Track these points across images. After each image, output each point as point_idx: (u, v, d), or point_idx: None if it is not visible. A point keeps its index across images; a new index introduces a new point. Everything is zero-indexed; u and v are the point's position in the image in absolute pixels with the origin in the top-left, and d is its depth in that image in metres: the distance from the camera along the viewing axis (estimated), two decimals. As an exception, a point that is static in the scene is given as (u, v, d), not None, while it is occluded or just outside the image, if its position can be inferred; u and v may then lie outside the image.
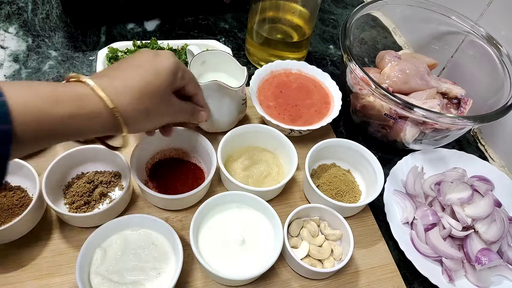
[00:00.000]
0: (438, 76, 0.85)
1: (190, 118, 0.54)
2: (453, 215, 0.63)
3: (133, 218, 0.54)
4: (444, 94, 0.77)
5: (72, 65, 0.80)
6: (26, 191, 0.58)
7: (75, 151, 0.59)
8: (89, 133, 0.41)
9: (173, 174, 0.63)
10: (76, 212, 0.56)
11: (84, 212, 0.57)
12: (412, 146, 0.74)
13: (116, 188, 0.61)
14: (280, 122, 0.68)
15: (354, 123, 0.80)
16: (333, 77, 0.76)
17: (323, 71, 0.77)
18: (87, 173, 0.62)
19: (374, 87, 0.64)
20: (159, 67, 0.45)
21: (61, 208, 0.57)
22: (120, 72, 0.43)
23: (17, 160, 0.56)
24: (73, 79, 0.41)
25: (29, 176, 0.57)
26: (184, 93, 0.52)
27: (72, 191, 0.59)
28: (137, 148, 0.60)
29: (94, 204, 0.58)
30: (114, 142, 0.52)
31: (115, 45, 0.79)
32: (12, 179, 0.59)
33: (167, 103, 0.47)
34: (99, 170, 0.62)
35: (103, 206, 0.58)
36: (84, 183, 0.59)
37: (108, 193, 0.60)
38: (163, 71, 0.45)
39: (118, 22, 0.90)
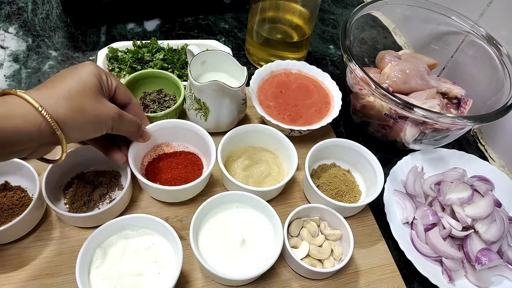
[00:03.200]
0: (438, 76, 0.85)
1: (135, 131, 0.55)
2: (453, 215, 0.63)
3: (133, 218, 0.54)
4: (444, 94, 0.77)
5: (72, 65, 0.80)
6: (26, 191, 0.58)
7: (75, 151, 0.59)
8: (26, 141, 0.41)
9: (170, 168, 0.63)
10: (76, 212, 0.56)
11: (84, 212, 0.57)
12: (412, 146, 0.74)
13: (116, 188, 0.61)
14: (280, 122, 0.68)
15: (354, 123, 0.80)
16: (333, 77, 0.76)
17: (323, 71, 0.77)
18: (87, 173, 0.62)
19: (374, 87, 0.64)
20: (80, 73, 0.47)
21: (61, 208, 0.57)
22: (45, 83, 0.45)
23: (17, 160, 0.56)
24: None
25: (29, 176, 0.57)
26: (117, 101, 0.53)
27: (72, 191, 0.59)
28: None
29: (94, 204, 0.58)
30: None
31: (115, 45, 0.79)
32: (12, 179, 0.59)
33: (100, 102, 0.47)
34: (99, 170, 0.62)
35: (103, 206, 0.58)
36: (84, 183, 0.59)
37: (108, 193, 0.60)
38: (85, 75, 0.47)
39: (118, 22, 0.90)
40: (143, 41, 0.81)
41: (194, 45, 0.70)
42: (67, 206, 0.58)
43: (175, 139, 0.66)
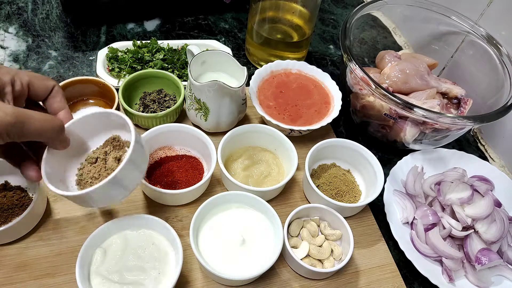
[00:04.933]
0: (438, 76, 0.85)
1: (52, 135, 0.42)
2: (453, 215, 0.63)
3: (133, 218, 0.54)
4: (444, 94, 0.77)
5: (72, 65, 0.80)
6: (26, 191, 0.58)
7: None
8: None
9: (171, 172, 0.63)
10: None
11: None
12: (412, 146, 0.74)
13: (126, 148, 0.51)
14: (280, 122, 0.68)
15: (354, 123, 0.80)
16: (333, 77, 0.76)
17: (323, 71, 0.77)
18: (87, 157, 0.51)
19: (374, 87, 0.64)
20: None
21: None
22: None
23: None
24: None
25: (29, 176, 0.57)
26: (34, 98, 0.45)
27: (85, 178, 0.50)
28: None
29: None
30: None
31: (115, 45, 0.79)
32: (12, 179, 0.59)
33: None
34: (95, 148, 0.52)
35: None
36: (90, 165, 0.50)
37: (122, 156, 0.50)
38: None
39: (118, 22, 0.90)
40: (143, 41, 0.81)
41: (194, 45, 0.70)
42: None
43: (177, 143, 0.66)
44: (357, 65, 0.66)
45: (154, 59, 0.78)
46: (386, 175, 0.66)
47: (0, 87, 0.40)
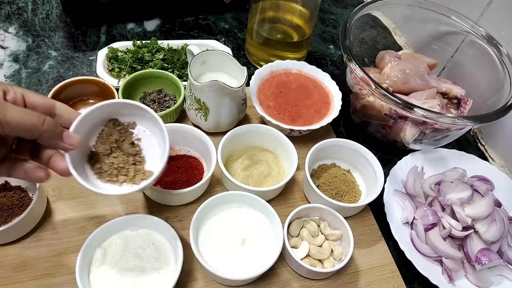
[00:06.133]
0: (438, 76, 0.85)
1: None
2: (453, 215, 0.63)
3: (133, 218, 0.54)
4: (444, 94, 0.77)
5: (72, 65, 0.80)
6: (26, 191, 0.58)
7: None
8: None
9: (172, 171, 0.63)
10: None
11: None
12: (412, 146, 0.74)
13: (130, 130, 0.50)
14: (280, 122, 0.68)
15: (354, 123, 0.80)
16: (333, 77, 0.76)
17: (323, 71, 0.77)
18: (100, 151, 0.48)
19: (374, 87, 0.64)
20: None
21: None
22: None
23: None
24: None
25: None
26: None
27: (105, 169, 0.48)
28: None
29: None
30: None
31: (115, 45, 0.79)
32: (12, 179, 0.59)
33: None
34: (96, 138, 0.49)
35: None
36: (107, 156, 0.48)
37: (133, 139, 0.50)
38: None
39: (118, 22, 0.90)
40: (143, 41, 0.81)
41: (194, 45, 0.70)
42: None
43: (177, 143, 0.66)
44: (357, 65, 0.66)
45: (154, 59, 0.78)
46: (386, 175, 0.66)
47: None
